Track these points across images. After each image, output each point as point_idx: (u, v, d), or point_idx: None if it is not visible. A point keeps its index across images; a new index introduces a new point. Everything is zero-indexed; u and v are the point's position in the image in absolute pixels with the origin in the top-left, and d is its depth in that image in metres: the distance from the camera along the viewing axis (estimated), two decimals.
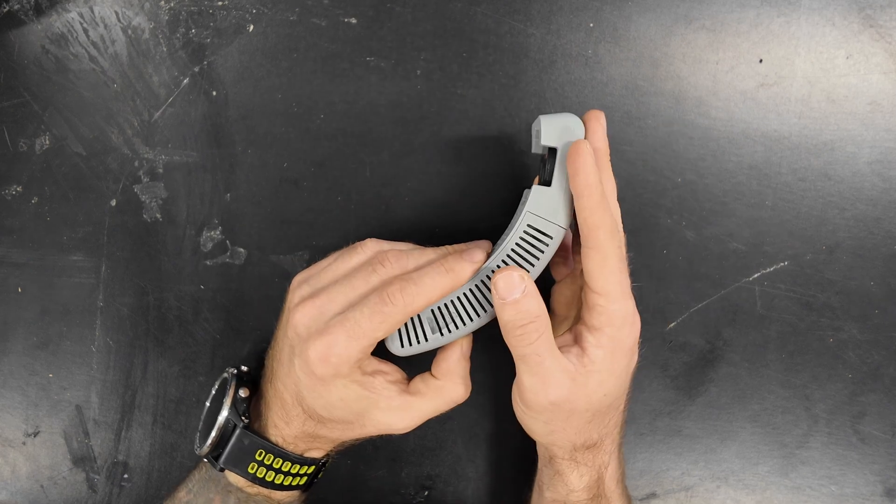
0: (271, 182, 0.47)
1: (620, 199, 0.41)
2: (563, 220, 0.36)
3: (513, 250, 0.36)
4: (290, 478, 0.39)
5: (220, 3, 0.47)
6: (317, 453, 0.40)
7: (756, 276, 0.45)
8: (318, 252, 0.46)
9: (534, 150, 0.38)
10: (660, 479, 0.46)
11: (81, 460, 0.49)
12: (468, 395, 0.39)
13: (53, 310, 0.48)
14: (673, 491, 0.46)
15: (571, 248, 0.41)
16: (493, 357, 0.46)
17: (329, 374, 0.35)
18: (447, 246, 0.38)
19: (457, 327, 0.37)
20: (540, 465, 0.41)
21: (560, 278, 0.41)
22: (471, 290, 0.37)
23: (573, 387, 0.35)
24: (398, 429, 0.38)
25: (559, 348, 0.36)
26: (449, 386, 0.38)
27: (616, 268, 0.34)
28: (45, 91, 0.48)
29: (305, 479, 0.40)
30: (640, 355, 0.45)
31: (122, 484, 0.48)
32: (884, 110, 0.44)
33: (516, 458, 0.46)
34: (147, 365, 0.48)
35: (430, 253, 0.38)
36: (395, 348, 0.38)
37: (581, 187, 0.33)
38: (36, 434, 0.49)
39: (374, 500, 0.47)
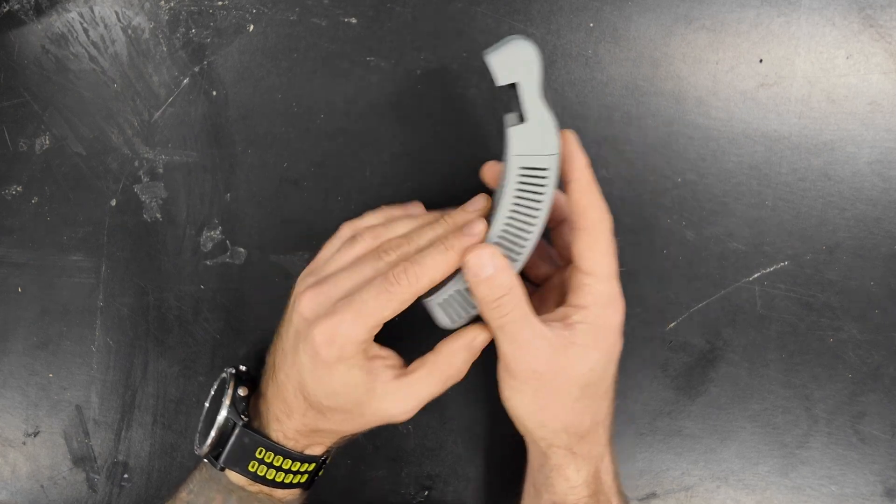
0: (271, 182, 0.47)
1: (621, 199, 0.40)
2: (551, 147, 0.35)
3: (516, 196, 0.36)
4: (291, 475, 0.39)
5: (220, 3, 0.47)
6: (317, 449, 0.40)
7: (756, 276, 0.45)
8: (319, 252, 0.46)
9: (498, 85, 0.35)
10: (660, 479, 0.46)
11: (81, 460, 0.49)
12: (465, 372, 0.38)
13: (53, 310, 0.48)
14: (673, 491, 0.46)
15: (553, 241, 0.42)
16: (492, 357, 0.46)
17: (334, 356, 0.35)
18: (446, 214, 0.38)
19: None
20: (533, 468, 0.41)
21: (541, 279, 0.42)
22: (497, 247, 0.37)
23: (552, 354, 0.35)
24: (395, 414, 0.37)
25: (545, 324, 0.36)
26: (445, 361, 0.37)
27: (606, 249, 0.36)
28: (45, 91, 0.48)
29: (306, 476, 0.40)
30: (640, 356, 0.45)
31: (122, 484, 0.48)
32: (884, 110, 0.44)
33: (517, 458, 0.46)
34: (147, 365, 0.48)
35: (428, 232, 0.38)
36: (444, 323, 0.38)
37: (575, 171, 0.35)
38: (36, 434, 0.49)
39: (374, 500, 0.47)
